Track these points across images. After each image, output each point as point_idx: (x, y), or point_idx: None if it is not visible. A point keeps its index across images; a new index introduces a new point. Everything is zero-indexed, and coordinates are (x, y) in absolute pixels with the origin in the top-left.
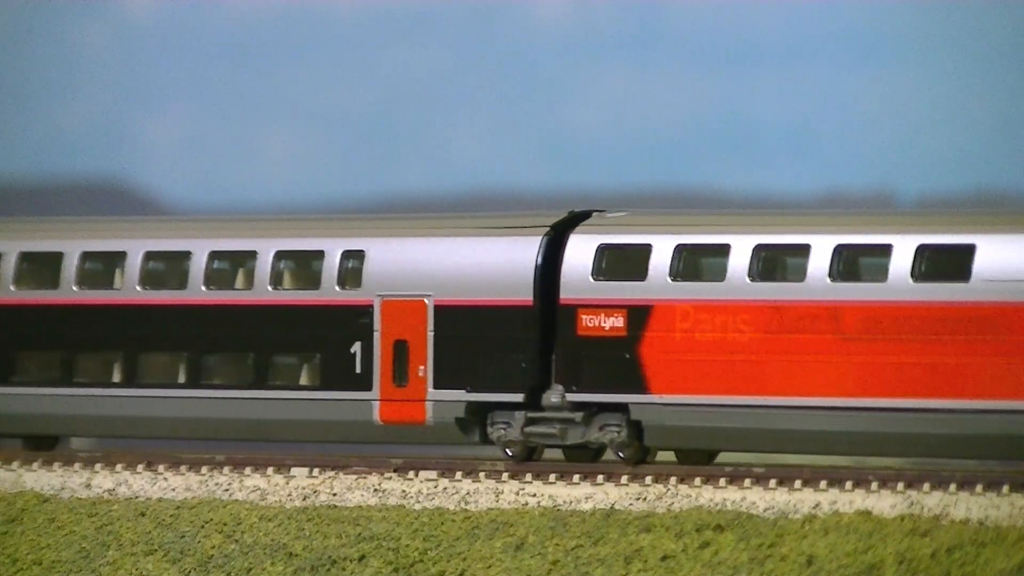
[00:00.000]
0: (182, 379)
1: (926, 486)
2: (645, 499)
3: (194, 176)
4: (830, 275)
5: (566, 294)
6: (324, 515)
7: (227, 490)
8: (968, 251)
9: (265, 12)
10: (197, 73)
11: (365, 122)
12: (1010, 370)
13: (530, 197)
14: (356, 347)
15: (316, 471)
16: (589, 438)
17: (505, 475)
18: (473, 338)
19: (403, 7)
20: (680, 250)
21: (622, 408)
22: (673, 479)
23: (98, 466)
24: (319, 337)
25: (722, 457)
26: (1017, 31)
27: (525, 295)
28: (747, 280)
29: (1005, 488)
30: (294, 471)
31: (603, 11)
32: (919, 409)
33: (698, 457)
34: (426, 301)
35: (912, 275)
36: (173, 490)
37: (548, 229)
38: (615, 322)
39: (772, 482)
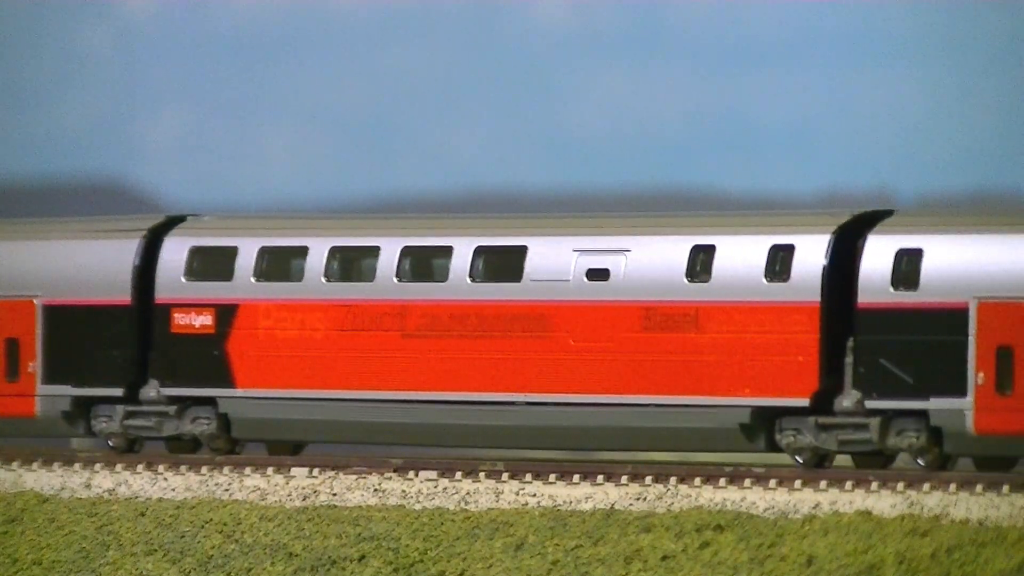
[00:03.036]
0: None
1: (926, 486)
2: (645, 499)
3: (194, 176)
4: (397, 275)
5: (161, 294)
6: (324, 515)
7: (227, 490)
8: (520, 252)
9: (265, 12)
10: (197, 73)
11: (365, 122)
12: (562, 366)
13: (530, 197)
14: None
15: (316, 471)
16: (182, 430)
17: (505, 475)
18: (78, 336)
19: (403, 7)
20: (263, 252)
21: (211, 402)
22: (673, 479)
23: (98, 466)
24: None
25: (714, 457)
26: (1017, 32)
27: (124, 295)
28: (323, 280)
29: (1005, 488)
30: (294, 471)
31: (603, 11)
32: (477, 402)
33: (284, 448)
34: (35, 301)
35: (470, 275)
36: (173, 490)
37: (146, 232)
38: (204, 320)
39: (772, 482)
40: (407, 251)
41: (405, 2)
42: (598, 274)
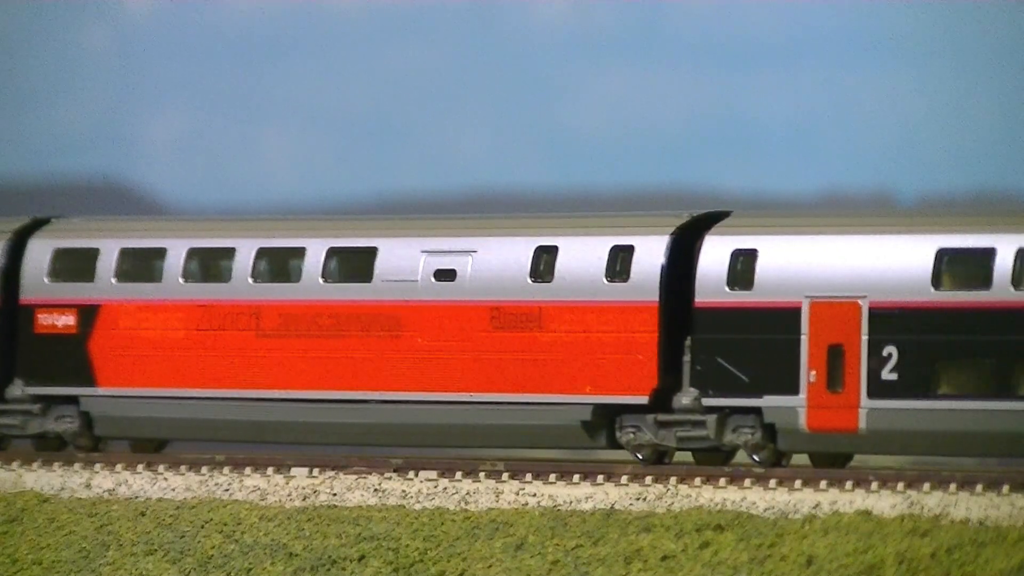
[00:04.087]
0: None
1: (926, 486)
2: (645, 499)
3: (194, 176)
4: (252, 276)
5: (25, 295)
6: (324, 515)
7: (227, 490)
8: (371, 253)
9: (265, 12)
10: (197, 73)
11: (365, 122)
12: (412, 365)
13: (530, 197)
14: None
15: (316, 471)
16: (46, 428)
17: (505, 475)
18: None
19: (403, 6)
20: (124, 254)
21: (75, 400)
22: (673, 479)
23: (98, 466)
24: None
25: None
26: (1017, 32)
27: None
28: (180, 281)
29: (1005, 488)
30: (294, 471)
31: (603, 11)
32: (331, 400)
33: (146, 446)
34: None
35: (322, 276)
36: (173, 490)
37: (11, 234)
38: (67, 320)
39: (772, 482)
40: (262, 252)
41: (405, 2)
42: (445, 275)
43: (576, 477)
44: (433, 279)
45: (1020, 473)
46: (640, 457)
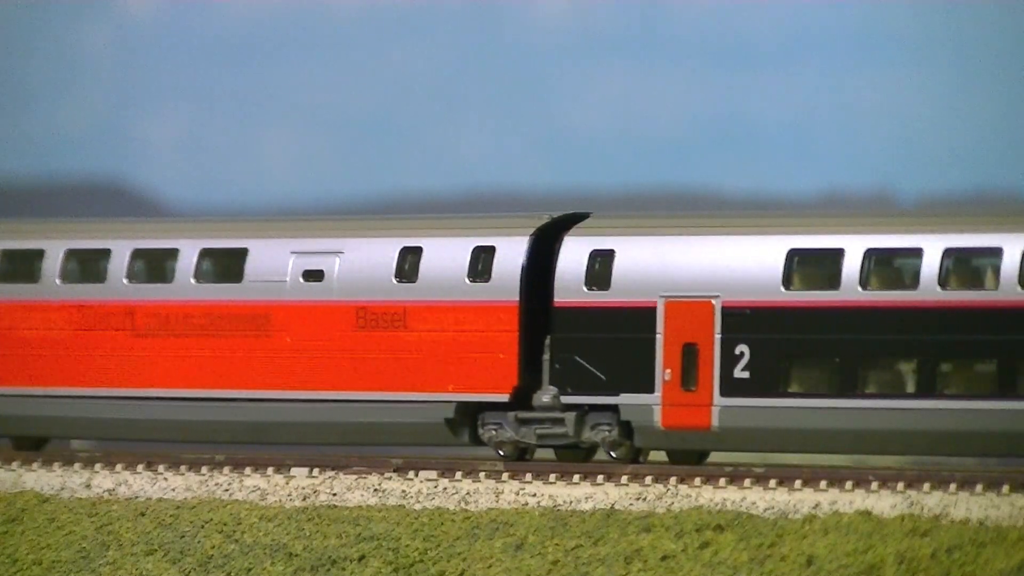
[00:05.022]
0: None
1: (926, 486)
2: (645, 499)
3: (194, 176)
4: (127, 277)
5: None
6: (324, 515)
7: (227, 490)
8: (241, 254)
9: (265, 12)
10: (197, 73)
11: (365, 122)
12: (281, 364)
13: (529, 197)
14: None
15: (316, 471)
16: None
17: (505, 475)
18: None
19: (403, 7)
20: (3, 255)
21: None
22: (673, 479)
23: (98, 466)
24: None
25: (715, 457)
26: (1017, 31)
27: None
28: (58, 282)
29: (1005, 488)
30: (294, 471)
31: (603, 11)
32: (203, 399)
33: (30, 444)
34: None
35: (195, 276)
36: (173, 490)
37: None
38: None
39: (772, 482)
40: (137, 253)
41: (405, 2)
42: (313, 275)
43: (576, 477)
44: (301, 279)
45: (1020, 473)
46: (502, 454)
